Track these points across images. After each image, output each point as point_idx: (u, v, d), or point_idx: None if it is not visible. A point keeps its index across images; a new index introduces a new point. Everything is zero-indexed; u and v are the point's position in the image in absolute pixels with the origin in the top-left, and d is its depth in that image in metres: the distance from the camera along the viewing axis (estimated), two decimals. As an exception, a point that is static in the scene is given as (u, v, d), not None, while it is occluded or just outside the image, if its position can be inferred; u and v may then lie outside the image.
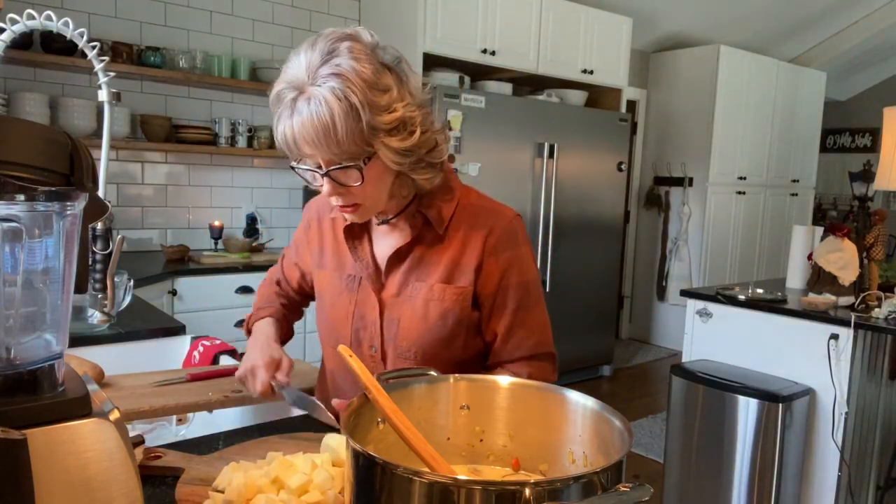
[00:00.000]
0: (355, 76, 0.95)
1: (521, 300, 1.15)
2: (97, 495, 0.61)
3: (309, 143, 0.98)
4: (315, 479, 0.85)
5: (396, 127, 1.00)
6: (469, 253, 1.13)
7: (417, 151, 1.04)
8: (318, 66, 0.96)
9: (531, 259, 1.19)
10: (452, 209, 1.15)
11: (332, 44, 0.97)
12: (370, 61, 0.98)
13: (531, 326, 1.17)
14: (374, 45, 1.01)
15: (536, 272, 1.19)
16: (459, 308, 1.13)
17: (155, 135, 3.40)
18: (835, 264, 2.73)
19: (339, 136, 0.96)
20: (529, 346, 1.16)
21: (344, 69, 0.95)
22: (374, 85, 0.97)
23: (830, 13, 5.86)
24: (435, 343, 1.13)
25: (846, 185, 7.44)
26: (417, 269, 1.15)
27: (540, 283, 1.20)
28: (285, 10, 3.93)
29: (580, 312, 4.62)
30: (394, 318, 1.16)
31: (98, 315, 1.65)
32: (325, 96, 0.95)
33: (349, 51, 0.97)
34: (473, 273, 1.13)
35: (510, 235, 1.15)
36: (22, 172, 0.57)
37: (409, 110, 1.01)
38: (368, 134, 0.98)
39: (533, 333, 1.17)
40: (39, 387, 0.63)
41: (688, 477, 2.74)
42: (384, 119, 0.98)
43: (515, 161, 4.12)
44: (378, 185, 1.06)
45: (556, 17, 4.34)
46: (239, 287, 3.24)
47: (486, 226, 1.14)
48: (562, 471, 0.81)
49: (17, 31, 1.06)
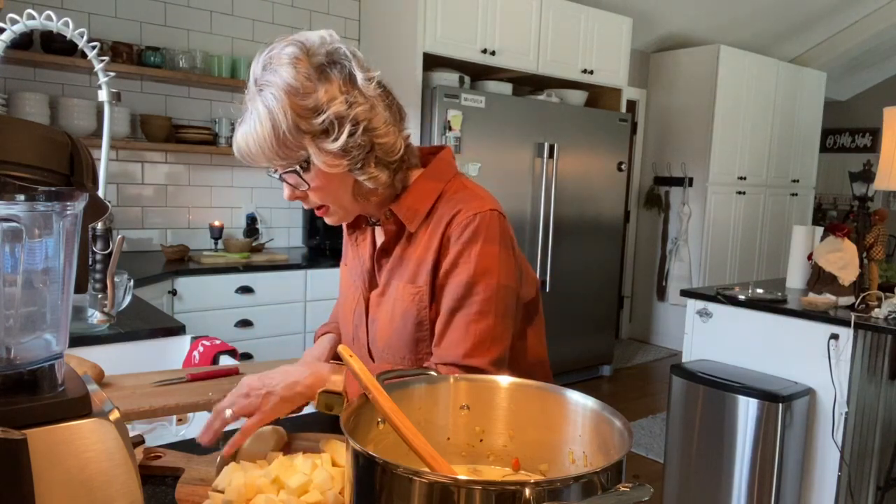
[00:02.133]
0: (281, 82, 0.97)
1: (459, 301, 1.05)
2: (97, 495, 0.61)
3: (245, 153, 1.02)
4: (315, 479, 0.85)
5: (326, 129, 0.99)
6: (431, 249, 1.08)
7: (355, 152, 1.01)
8: (259, 75, 1.00)
9: (491, 260, 1.05)
10: (430, 204, 1.10)
11: (270, 52, 1.00)
12: (302, 65, 0.98)
13: (464, 332, 1.04)
14: (315, 46, 1.00)
15: (495, 278, 1.05)
16: (416, 308, 1.09)
17: (155, 135, 3.40)
18: (835, 264, 2.73)
19: (266, 143, 0.99)
20: (458, 354, 1.04)
21: (270, 79, 0.98)
22: (298, 91, 0.97)
23: (830, 13, 5.86)
24: (401, 345, 1.11)
25: (846, 185, 7.44)
26: (398, 269, 1.13)
27: (498, 290, 1.05)
28: (285, 10, 3.93)
29: (580, 312, 4.62)
30: (375, 318, 1.16)
31: (98, 315, 1.65)
32: (257, 107, 0.99)
33: (282, 58, 0.98)
34: (430, 270, 1.08)
35: (469, 227, 1.05)
36: (22, 172, 0.57)
37: (341, 108, 0.98)
38: (294, 138, 0.98)
39: (464, 341, 1.04)
40: (39, 387, 0.63)
41: (688, 477, 2.74)
42: (312, 122, 0.98)
43: (515, 161, 4.12)
44: (332, 188, 1.06)
45: (556, 17, 4.34)
46: (239, 287, 3.24)
47: (449, 217, 1.07)
48: (562, 471, 0.80)
49: (17, 31, 1.06)
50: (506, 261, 1.07)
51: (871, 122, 7.45)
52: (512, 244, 1.11)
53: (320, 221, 3.85)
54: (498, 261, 1.06)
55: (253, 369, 1.35)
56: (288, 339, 3.39)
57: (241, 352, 3.06)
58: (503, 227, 1.09)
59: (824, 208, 7.68)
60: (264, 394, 0.98)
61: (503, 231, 1.08)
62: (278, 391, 0.98)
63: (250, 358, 3.22)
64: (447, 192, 1.11)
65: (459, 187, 1.12)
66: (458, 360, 1.04)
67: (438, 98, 3.69)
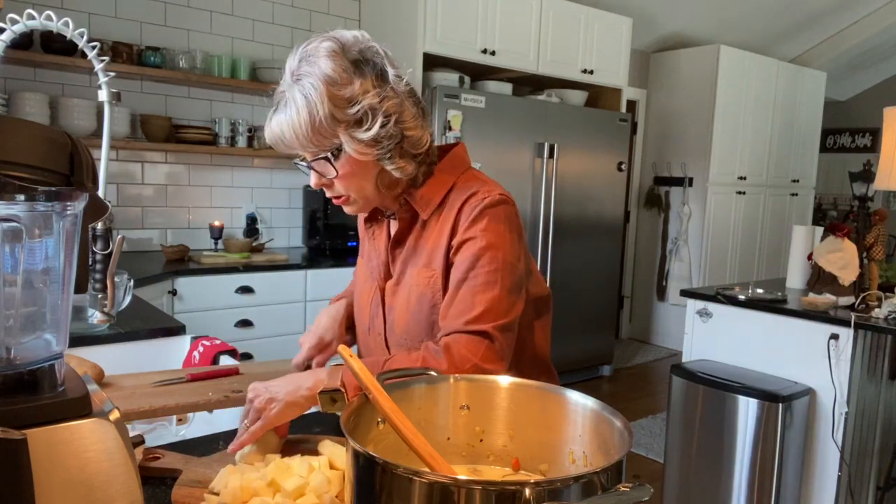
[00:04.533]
0: (320, 72, 1.02)
1: (465, 273, 1.07)
2: (97, 495, 0.61)
3: (280, 140, 1.06)
4: (311, 482, 0.85)
5: (360, 119, 1.04)
6: (444, 234, 1.12)
7: (385, 142, 1.06)
8: (295, 69, 1.05)
9: (499, 237, 1.08)
10: (443, 194, 1.14)
11: (307, 46, 1.06)
12: (339, 58, 1.03)
13: (472, 301, 1.05)
14: (349, 43, 1.06)
15: (503, 253, 1.08)
16: (431, 292, 1.13)
17: (155, 135, 3.40)
18: (835, 264, 2.73)
19: (302, 130, 1.03)
20: (464, 321, 1.05)
21: (309, 70, 1.03)
22: (336, 81, 1.02)
23: (830, 13, 5.86)
24: (420, 329, 1.15)
25: (846, 185, 7.43)
26: (413, 257, 1.17)
27: (506, 265, 1.07)
28: (285, 10, 3.93)
29: (580, 312, 4.62)
30: (392, 306, 1.19)
31: (98, 315, 1.65)
32: (295, 96, 1.03)
33: (319, 51, 1.04)
34: (444, 255, 1.11)
35: (478, 208, 1.09)
36: (22, 172, 0.57)
37: (375, 101, 1.04)
38: (329, 126, 1.03)
39: (470, 309, 1.05)
40: (39, 387, 0.63)
41: (688, 477, 2.74)
42: (347, 111, 1.03)
43: (515, 161, 4.12)
44: (358, 177, 1.10)
45: (556, 17, 4.34)
46: (239, 287, 3.24)
47: (459, 202, 1.11)
48: (562, 471, 0.80)
49: (17, 31, 1.06)
50: (511, 242, 1.10)
51: (871, 122, 7.45)
52: (519, 232, 1.13)
53: (320, 222, 3.86)
54: (504, 239, 1.09)
55: (253, 369, 1.35)
56: (288, 339, 3.39)
57: (241, 352, 3.05)
58: (511, 212, 1.12)
59: (824, 208, 7.68)
60: (267, 399, 1.01)
61: (510, 215, 1.11)
62: (282, 396, 1.00)
63: (250, 358, 3.22)
64: (459, 182, 1.16)
65: (471, 178, 1.17)
66: (460, 328, 1.04)
67: (438, 98, 3.68)
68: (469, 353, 1.02)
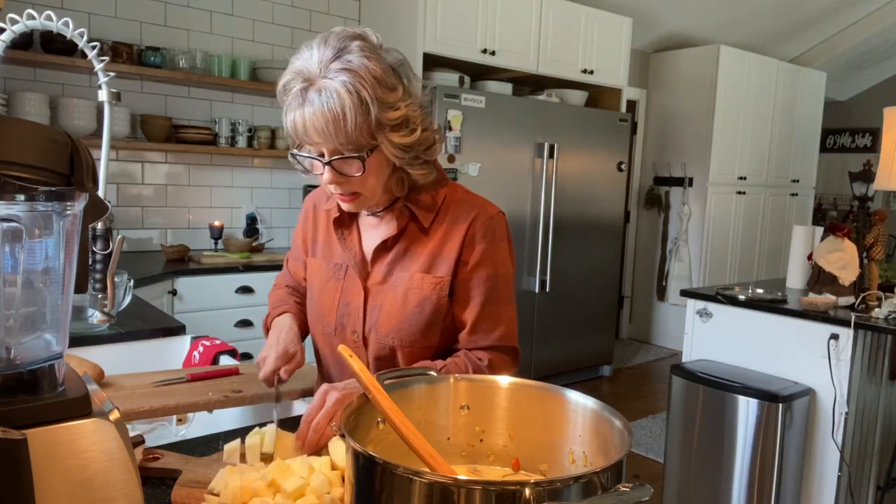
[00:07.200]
0: (366, 73, 1.02)
1: (489, 293, 1.19)
2: (97, 495, 0.61)
3: (319, 133, 1.04)
4: (312, 482, 0.85)
5: (400, 124, 1.07)
6: (451, 244, 1.19)
7: (416, 148, 1.11)
8: (329, 60, 1.03)
9: (507, 256, 1.22)
10: (439, 204, 1.21)
11: (343, 41, 1.05)
12: (379, 61, 1.05)
13: (497, 319, 1.21)
14: (380, 47, 1.08)
15: (510, 269, 1.23)
16: (437, 297, 1.18)
17: (155, 135, 3.40)
18: (835, 264, 2.73)
19: (348, 127, 1.02)
20: (494, 337, 1.21)
21: (355, 65, 1.02)
22: (383, 83, 1.04)
23: (830, 13, 5.86)
24: (413, 330, 1.19)
25: (846, 185, 7.44)
26: (402, 260, 1.21)
27: (512, 280, 1.24)
28: (285, 10, 3.93)
29: (580, 312, 4.62)
30: (376, 305, 1.21)
31: (98, 315, 1.65)
32: (338, 89, 1.01)
33: (360, 49, 1.04)
34: (453, 264, 1.18)
35: (490, 229, 1.20)
36: (22, 172, 0.57)
37: (411, 109, 1.09)
38: (375, 128, 1.05)
39: (498, 326, 1.21)
40: (39, 387, 0.62)
41: (688, 477, 2.74)
42: (390, 115, 1.05)
43: (515, 161, 4.12)
44: (377, 177, 1.12)
45: (556, 17, 4.34)
46: (239, 287, 3.24)
47: (468, 219, 1.19)
48: (562, 471, 0.80)
49: (17, 31, 1.06)
50: (511, 254, 1.24)
51: (871, 122, 7.45)
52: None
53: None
54: (509, 257, 1.24)
55: (253, 369, 1.35)
56: (288, 339, 3.38)
57: (241, 352, 3.05)
58: (507, 226, 1.25)
59: (824, 208, 7.68)
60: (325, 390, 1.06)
61: (508, 230, 1.25)
62: (339, 387, 1.07)
63: (250, 358, 3.22)
64: (448, 193, 1.23)
65: (457, 188, 1.25)
66: (495, 343, 1.20)
67: (438, 98, 3.68)
68: (505, 369, 1.21)
